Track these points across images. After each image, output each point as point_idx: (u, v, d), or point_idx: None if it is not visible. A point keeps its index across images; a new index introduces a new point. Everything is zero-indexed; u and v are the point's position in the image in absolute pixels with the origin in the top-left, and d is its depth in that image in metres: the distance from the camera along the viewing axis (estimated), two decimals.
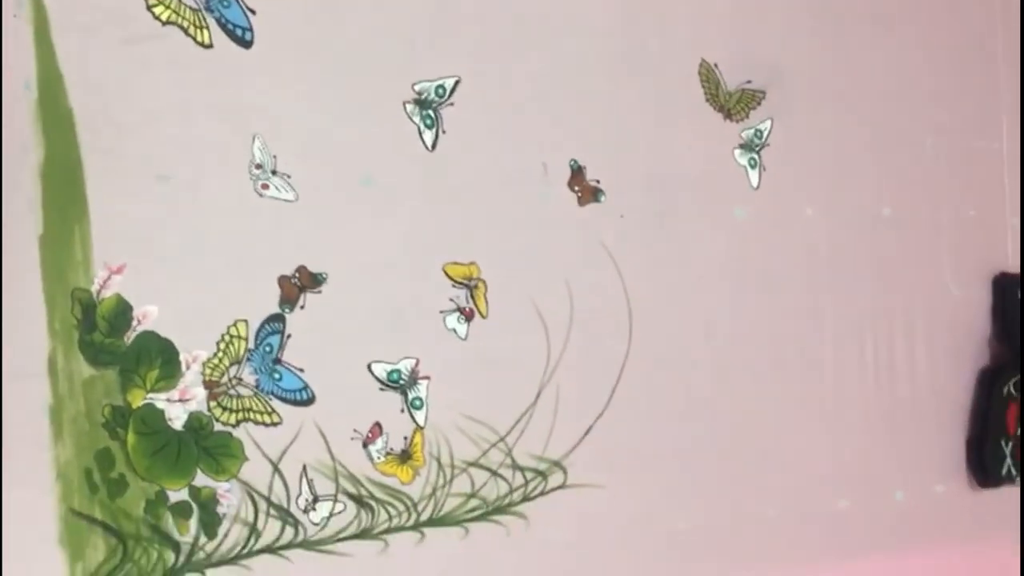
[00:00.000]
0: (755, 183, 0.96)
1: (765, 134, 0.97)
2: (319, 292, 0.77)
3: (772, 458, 0.95)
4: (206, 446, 0.73)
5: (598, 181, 0.88)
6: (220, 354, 0.74)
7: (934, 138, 1.05)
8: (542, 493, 0.85)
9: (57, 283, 0.69)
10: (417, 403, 0.81)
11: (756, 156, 0.96)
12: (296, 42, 0.77)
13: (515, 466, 0.84)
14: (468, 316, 0.83)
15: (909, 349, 1.02)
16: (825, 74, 1.00)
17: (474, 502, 0.83)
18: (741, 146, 0.96)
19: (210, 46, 0.75)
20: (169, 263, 0.73)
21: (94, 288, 0.70)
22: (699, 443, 0.92)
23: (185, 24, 0.74)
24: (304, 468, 0.76)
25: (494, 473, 0.83)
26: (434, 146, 0.82)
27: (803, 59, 0.99)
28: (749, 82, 0.97)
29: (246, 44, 0.76)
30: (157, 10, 0.73)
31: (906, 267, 1.02)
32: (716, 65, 0.95)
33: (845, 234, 0.99)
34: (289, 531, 0.76)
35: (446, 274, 0.82)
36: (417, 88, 0.82)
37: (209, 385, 0.74)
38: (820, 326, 0.98)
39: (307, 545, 0.76)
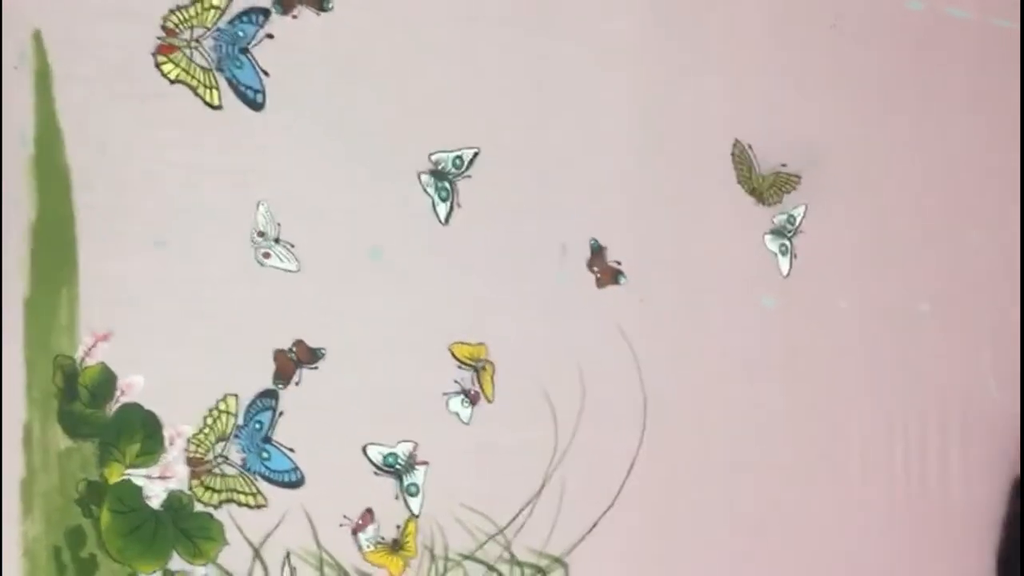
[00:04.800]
0: (785, 271, 0.91)
1: (798, 220, 0.92)
2: (316, 368, 0.74)
3: (788, 562, 0.89)
4: (184, 527, 0.69)
5: (619, 263, 0.84)
6: (207, 430, 0.70)
7: (977, 231, 1.00)
8: None
9: (39, 349, 0.66)
10: (413, 490, 0.76)
11: (788, 243, 0.92)
12: (309, 106, 0.74)
13: (513, 561, 0.79)
14: (473, 400, 0.79)
15: (942, 454, 0.96)
16: (864, 159, 0.95)
17: None
18: (772, 231, 0.91)
19: (219, 107, 0.72)
20: (159, 332, 0.69)
21: (78, 355, 0.67)
22: (712, 543, 0.87)
23: (195, 83, 0.71)
24: (287, 555, 0.72)
25: (490, 567, 0.79)
26: (448, 219, 0.78)
27: (842, 142, 0.94)
28: (784, 165, 0.92)
29: (257, 107, 0.73)
30: (166, 67, 0.70)
31: (943, 366, 0.97)
32: (750, 146, 0.91)
33: (879, 329, 0.94)
34: None
35: (452, 354, 0.78)
36: (433, 158, 0.78)
37: (192, 463, 0.70)
38: (847, 425, 0.93)
39: None
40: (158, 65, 0.70)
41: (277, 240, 0.73)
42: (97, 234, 0.68)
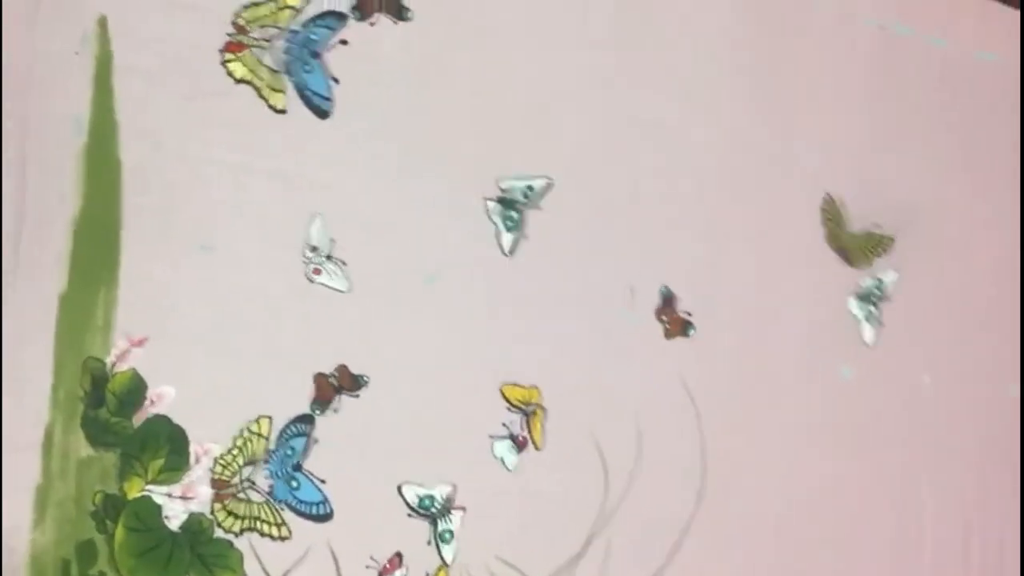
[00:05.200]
0: (869, 340, 0.84)
1: (887, 286, 0.86)
2: (357, 396, 0.69)
3: None
4: (201, 553, 0.65)
5: (690, 314, 0.78)
6: (235, 451, 0.66)
7: None
8: None
9: (70, 349, 0.62)
10: (447, 536, 0.71)
11: (874, 309, 0.85)
12: (378, 118, 0.70)
13: None
14: (520, 445, 0.73)
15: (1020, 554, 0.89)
16: (967, 223, 0.89)
17: None
18: (858, 296, 0.85)
19: (283, 111, 0.68)
20: (196, 342, 0.65)
21: (109, 359, 0.63)
22: None
23: (260, 84, 0.67)
24: None
25: None
26: (512, 251, 0.74)
27: (941, 205, 0.88)
28: (878, 225, 0.86)
29: (323, 114, 0.69)
30: (232, 66, 0.66)
31: None
32: (843, 202, 0.85)
33: (964, 410, 0.87)
34: None
35: (503, 395, 0.73)
36: (503, 185, 0.73)
37: (217, 484, 0.65)
38: (921, 511, 0.85)
39: None
40: (224, 62, 0.66)
41: (329, 257, 0.68)
42: (142, 234, 0.64)
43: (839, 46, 0.85)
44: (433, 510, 0.71)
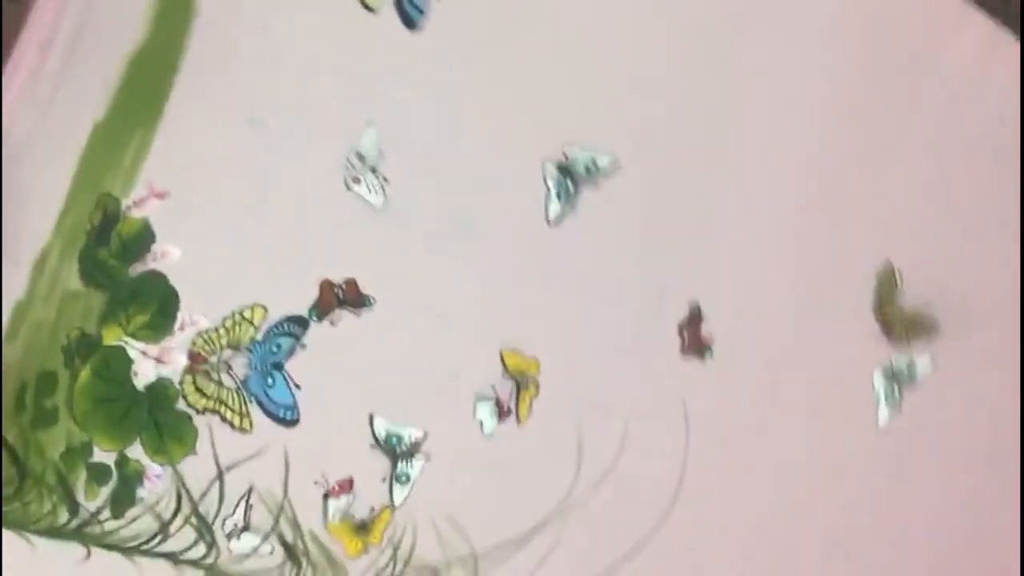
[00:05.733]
0: (882, 421, 0.81)
1: (919, 370, 0.82)
2: (358, 315, 0.67)
3: None
4: (159, 419, 0.63)
5: (713, 339, 0.76)
6: (222, 331, 0.64)
7: None
8: None
9: (90, 177, 0.60)
10: (403, 479, 0.69)
11: (897, 391, 0.82)
12: (465, 49, 0.67)
13: None
14: (503, 414, 0.71)
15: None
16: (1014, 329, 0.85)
17: None
18: (884, 372, 0.81)
19: (373, 10, 0.65)
20: (215, 213, 0.63)
21: (126, 202, 0.62)
22: None
23: None
24: (249, 491, 0.66)
25: None
26: (556, 221, 0.71)
27: (1001, 302, 0.84)
28: (928, 304, 0.82)
29: (412, 24, 0.66)
30: None
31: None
32: (900, 272, 0.81)
33: (957, 538, 0.84)
34: (200, 549, 0.65)
35: (502, 359, 0.71)
36: (568, 152, 0.70)
37: (194, 358, 0.64)
38: None
39: (212, 572, 0.66)
40: None
41: (374, 170, 0.66)
42: (195, 89, 0.62)
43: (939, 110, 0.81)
44: (398, 450, 0.69)
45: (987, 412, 0.84)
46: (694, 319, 0.75)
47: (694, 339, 0.76)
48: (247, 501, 0.66)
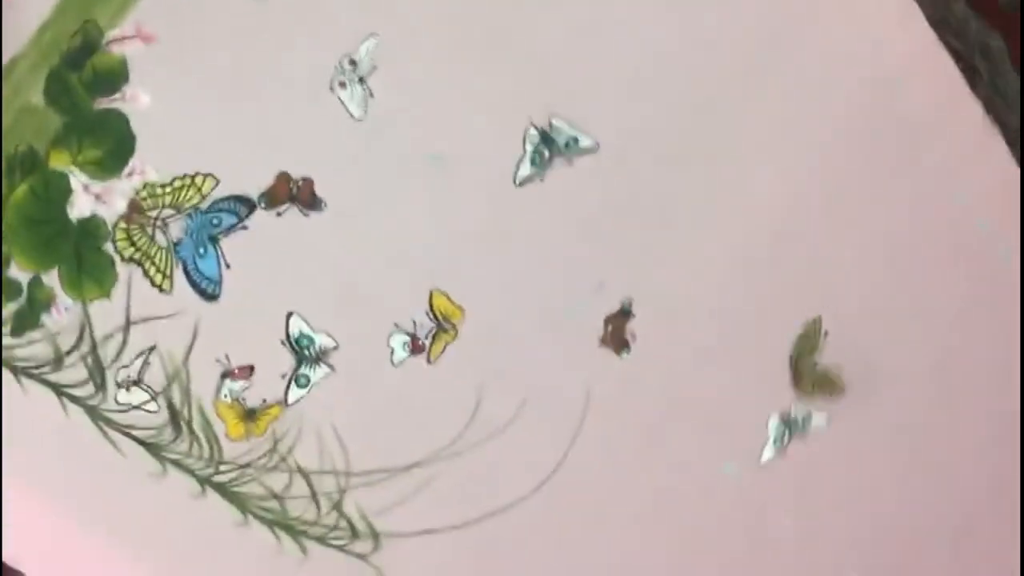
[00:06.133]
0: (765, 458, 0.84)
1: (812, 426, 0.85)
2: (306, 215, 0.67)
3: None
4: (83, 255, 0.63)
5: (634, 338, 0.77)
6: (169, 188, 0.64)
7: None
8: (339, 549, 0.75)
9: (79, 4, 0.59)
10: (302, 381, 0.70)
11: (786, 437, 0.84)
12: None
13: (335, 505, 0.74)
14: (415, 349, 0.72)
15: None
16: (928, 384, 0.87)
17: (273, 504, 0.72)
18: (781, 416, 0.84)
19: None
20: (196, 73, 0.63)
21: (109, 35, 0.61)
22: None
23: None
24: (151, 349, 0.66)
25: (313, 496, 0.73)
26: (522, 184, 0.71)
27: (913, 372, 0.87)
28: (841, 368, 0.85)
29: None
30: None
31: None
32: (827, 332, 0.83)
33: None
34: (88, 388, 0.66)
35: (430, 298, 0.72)
36: (554, 122, 0.71)
37: (133, 206, 0.64)
38: None
39: (92, 413, 0.67)
40: None
41: (362, 80, 0.66)
42: None
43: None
44: (306, 352, 0.70)
45: (860, 481, 0.87)
46: (623, 315, 0.77)
47: (616, 333, 0.77)
48: (146, 358, 0.66)
